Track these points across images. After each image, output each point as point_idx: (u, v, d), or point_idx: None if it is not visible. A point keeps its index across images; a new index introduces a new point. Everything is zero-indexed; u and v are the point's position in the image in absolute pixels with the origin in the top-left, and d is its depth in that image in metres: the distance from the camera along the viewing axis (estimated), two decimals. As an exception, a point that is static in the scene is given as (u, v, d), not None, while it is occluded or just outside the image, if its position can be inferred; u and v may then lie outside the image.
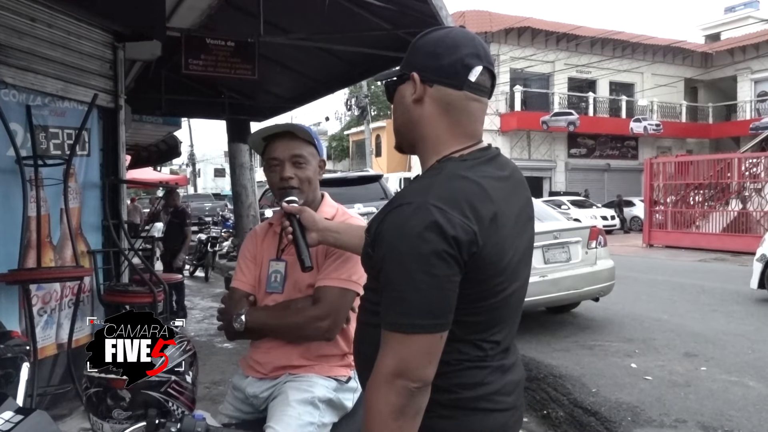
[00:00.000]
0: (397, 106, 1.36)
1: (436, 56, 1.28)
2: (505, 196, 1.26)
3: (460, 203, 1.16)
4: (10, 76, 3.87)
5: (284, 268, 2.00)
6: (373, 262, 1.23)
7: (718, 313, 6.83)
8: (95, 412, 1.54)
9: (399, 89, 1.35)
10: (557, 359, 5.09)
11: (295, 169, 1.96)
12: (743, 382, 4.50)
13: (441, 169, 1.26)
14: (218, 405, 2.20)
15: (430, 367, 1.16)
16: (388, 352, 1.16)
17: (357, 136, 34.49)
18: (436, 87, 1.29)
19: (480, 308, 1.22)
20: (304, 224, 1.82)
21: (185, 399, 1.58)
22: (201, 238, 12.52)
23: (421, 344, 1.14)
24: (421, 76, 1.29)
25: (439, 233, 1.12)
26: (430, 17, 5.04)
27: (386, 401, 1.14)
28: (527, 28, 26.68)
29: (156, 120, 9.34)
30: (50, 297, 4.12)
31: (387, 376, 1.14)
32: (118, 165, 4.79)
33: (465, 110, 1.30)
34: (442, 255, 1.12)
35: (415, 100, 1.30)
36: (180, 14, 5.48)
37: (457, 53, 1.28)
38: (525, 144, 27.73)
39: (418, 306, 1.13)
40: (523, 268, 1.32)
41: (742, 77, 29.17)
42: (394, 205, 1.21)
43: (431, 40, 1.31)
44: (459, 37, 1.30)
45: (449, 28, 1.35)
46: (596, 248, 6.52)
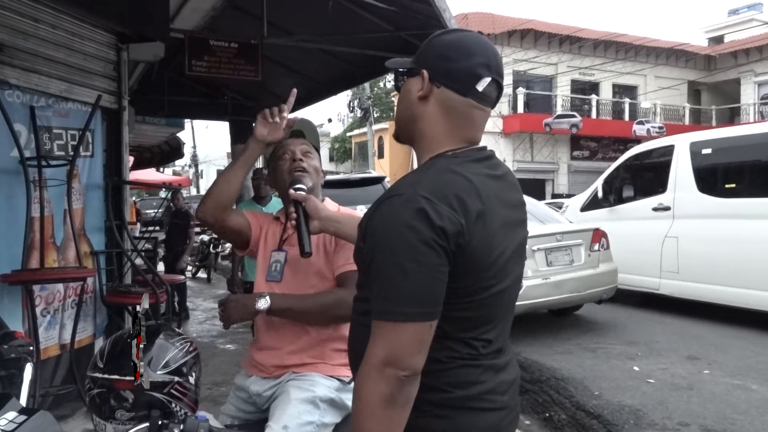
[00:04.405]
0: (402, 97, 1.38)
1: (447, 59, 1.30)
2: (496, 194, 1.28)
3: (448, 196, 1.18)
4: (15, 77, 3.88)
5: (284, 258, 2.05)
6: (364, 254, 1.25)
7: (721, 316, 6.81)
8: (98, 413, 1.54)
9: (408, 81, 1.36)
10: (559, 362, 5.08)
11: (305, 158, 2.09)
12: (746, 385, 4.49)
13: (432, 164, 1.29)
14: (220, 406, 2.20)
15: (420, 356, 1.17)
16: (378, 341, 1.17)
17: (360, 138, 34.48)
18: (442, 89, 1.30)
19: (469, 304, 1.23)
20: (309, 212, 1.89)
21: (188, 400, 1.58)
22: (203, 239, 12.54)
23: (411, 333, 1.15)
24: (430, 75, 1.31)
25: (428, 223, 1.14)
26: (433, 19, 5.04)
27: (376, 390, 1.15)
28: (530, 30, 26.66)
29: (159, 121, 9.37)
30: (53, 297, 4.12)
31: (377, 365, 1.15)
32: (121, 166, 4.80)
33: (466, 116, 1.32)
34: (431, 243, 1.14)
35: (420, 96, 1.32)
36: (183, 16, 5.50)
37: (469, 61, 1.29)
38: (527, 146, 27.71)
39: (407, 294, 1.15)
40: (513, 267, 1.32)
41: (745, 80, 29.11)
42: (384, 198, 1.23)
43: (446, 41, 1.33)
44: (473, 44, 1.31)
45: (466, 32, 1.35)
46: (599, 251, 6.51)
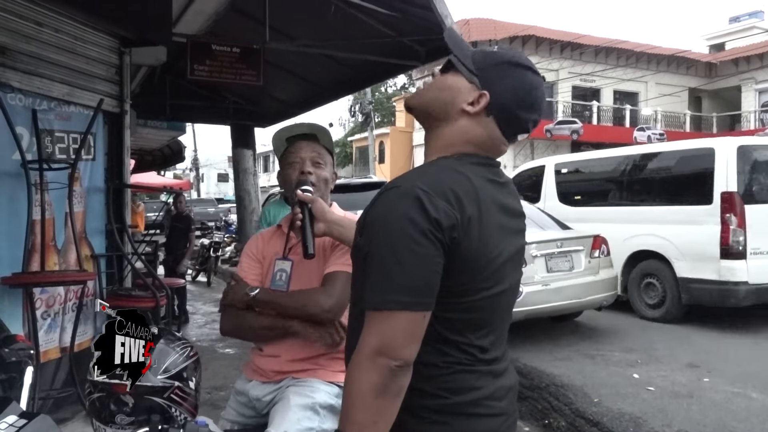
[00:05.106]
0: (444, 87, 1.34)
1: (514, 102, 1.30)
2: (494, 198, 1.29)
3: (446, 191, 1.19)
4: (17, 80, 3.89)
5: (290, 267, 2.04)
6: (361, 247, 1.25)
7: (721, 324, 6.81)
8: (98, 417, 1.54)
9: (459, 75, 1.32)
10: (559, 368, 5.07)
11: (314, 168, 2.04)
12: (746, 393, 4.48)
13: (436, 162, 1.30)
14: (219, 411, 2.20)
15: (412, 346, 1.17)
16: (371, 331, 1.17)
17: (360, 143, 34.51)
18: (491, 118, 1.30)
19: (463, 304, 1.23)
20: (314, 214, 1.88)
21: (188, 405, 1.58)
22: (204, 242, 12.54)
23: (404, 322, 1.15)
24: (490, 101, 1.29)
25: (424, 214, 1.15)
26: (435, 25, 5.05)
27: (367, 379, 1.14)
28: (531, 36, 26.70)
29: (160, 124, 9.37)
30: (54, 300, 4.13)
31: (369, 354, 1.15)
32: (122, 169, 4.81)
33: (493, 145, 1.34)
34: (427, 234, 1.15)
35: (463, 110, 1.31)
36: (186, 20, 5.51)
37: (529, 114, 1.32)
38: (528, 152, 27.70)
39: (401, 283, 1.15)
40: (509, 273, 1.32)
41: (746, 87, 29.13)
42: (383, 190, 1.24)
43: (520, 83, 1.31)
44: (539, 97, 1.33)
45: (538, 78, 1.33)
46: (599, 257, 6.51)
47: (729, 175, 6.55)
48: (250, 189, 9.62)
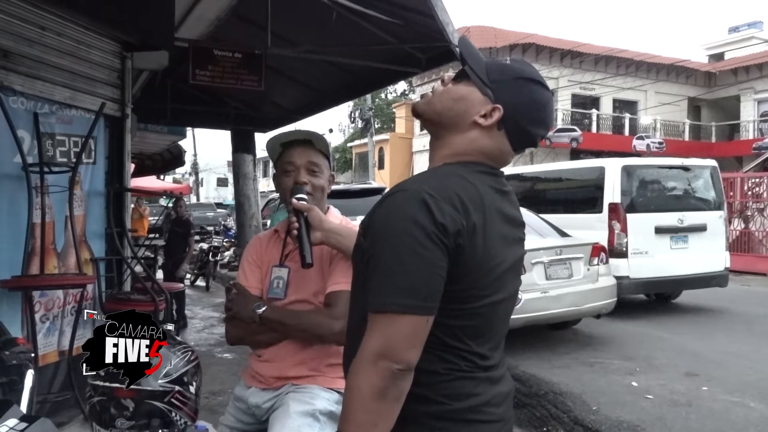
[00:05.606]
0: (458, 98, 1.33)
1: (527, 117, 1.32)
2: (498, 206, 1.29)
3: (452, 196, 1.19)
4: (19, 83, 3.90)
5: (287, 274, 2.02)
6: (364, 250, 1.24)
7: (720, 333, 6.81)
8: (98, 420, 1.54)
9: (473, 86, 1.32)
10: (558, 376, 5.07)
11: (309, 176, 2.01)
12: (744, 402, 4.48)
13: (442, 168, 1.31)
14: (218, 416, 2.19)
15: (414, 350, 1.16)
16: (374, 334, 1.16)
17: (360, 149, 34.56)
18: (502, 132, 1.32)
19: (464, 311, 1.23)
20: (311, 223, 1.86)
21: (188, 410, 1.58)
22: (203, 247, 12.52)
23: (407, 326, 1.15)
24: (503, 117, 1.30)
25: (430, 218, 1.15)
26: (436, 33, 5.06)
27: (368, 382, 1.14)
28: (532, 44, 26.79)
29: (161, 129, 9.38)
30: (53, 304, 4.12)
31: (371, 357, 1.14)
32: (122, 173, 4.82)
33: (501, 156, 1.35)
34: (432, 238, 1.15)
35: (476, 122, 1.31)
36: (188, 25, 5.52)
37: (538, 130, 1.35)
38: (528, 160, 27.71)
39: (405, 286, 1.15)
40: (510, 281, 1.33)
41: (745, 97, 29.22)
42: (388, 193, 1.24)
43: (534, 99, 1.33)
44: (549, 113, 1.36)
45: (549, 94, 1.36)
46: (598, 265, 6.52)
47: (615, 189, 8.00)
48: (249, 194, 9.60)
